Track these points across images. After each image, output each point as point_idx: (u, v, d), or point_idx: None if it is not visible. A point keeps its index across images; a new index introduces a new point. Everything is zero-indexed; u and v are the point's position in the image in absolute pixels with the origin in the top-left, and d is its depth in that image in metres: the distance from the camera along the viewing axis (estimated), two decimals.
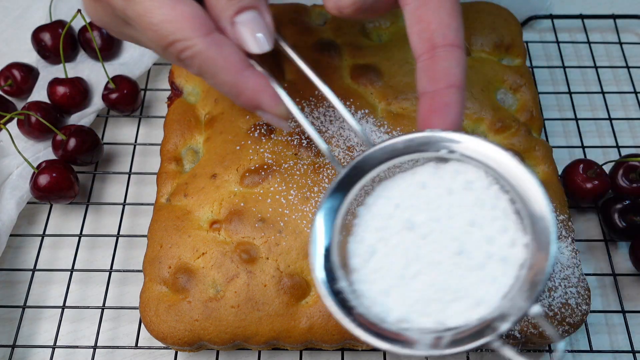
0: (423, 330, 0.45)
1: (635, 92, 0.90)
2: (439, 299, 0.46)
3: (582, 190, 0.75)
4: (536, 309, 0.43)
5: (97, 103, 0.85)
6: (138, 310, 0.70)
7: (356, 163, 0.52)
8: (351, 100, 0.75)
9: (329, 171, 0.69)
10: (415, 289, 0.47)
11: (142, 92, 0.88)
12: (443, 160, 0.51)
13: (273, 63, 0.72)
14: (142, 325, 0.68)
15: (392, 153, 0.52)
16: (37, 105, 0.80)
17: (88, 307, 0.72)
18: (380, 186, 0.53)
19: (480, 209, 0.48)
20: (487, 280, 0.46)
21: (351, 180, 0.52)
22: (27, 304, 0.72)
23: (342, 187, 0.51)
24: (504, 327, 0.43)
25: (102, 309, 0.71)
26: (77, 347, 0.69)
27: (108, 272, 0.73)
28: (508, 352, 0.43)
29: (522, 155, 0.73)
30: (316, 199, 0.67)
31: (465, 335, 0.44)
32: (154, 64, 0.90)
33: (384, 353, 0.69)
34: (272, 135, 0.72)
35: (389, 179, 0.53)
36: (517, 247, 0.46)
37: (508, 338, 0.64)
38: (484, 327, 0.44)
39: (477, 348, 0.45)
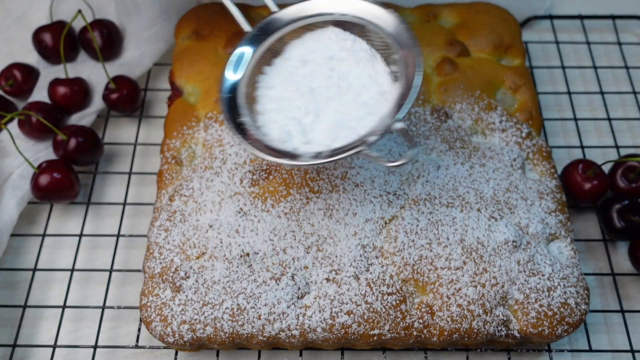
0: (312, 154, 0.58)
1: (634, 92, 0.90)
2: (327, 129, 0.59)
3: (581, 190, 0.76)
4: (398, 124, 0.55)
5: (97, 103, 0.86)
6: (138, 310, 0.70)
7: (263, 25, 0.65)
8: None
9: (328, 171, 0.69)
10: (310, 124, 0.60)
11: (142, 92, 0.88)
12: (340, 22, 0.65)
13: None
14: (142, 325, 0.69)
15: (296, 16, 0.65)
16: (38, 106, 0.80)
17: (88, 307, 0.72)
18: (288, 46, 0.66)
19: (363, 58, 0.62)
20: (367, 112, 0.59)
21: (259, 38, 0.65)
22: (28, 304, 0.72)
23: (251, 43, 0.65)
24: (372, 138, 0.56)
25: (103, 309, 0.71)
26: (77, 346, 0.69)
27: (108, 272, 0.73)
28: (373, 154, 0.55)
29: (522, 155, 0.73)
30: (315, 200, 0.67)
31: (342, 150, 0.57)
32: (154, 64, 0.91)
33: (384, 351, 0.69)
34: None
35: (297, 39, 0.66)
36: (392, 85, 0.60)
37: (507, 337, 0.64)
38: (358, 143, 0.56)
39: (350, 157, 0.57)
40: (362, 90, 0.62)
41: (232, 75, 0.64)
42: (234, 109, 0.62)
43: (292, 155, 0.59)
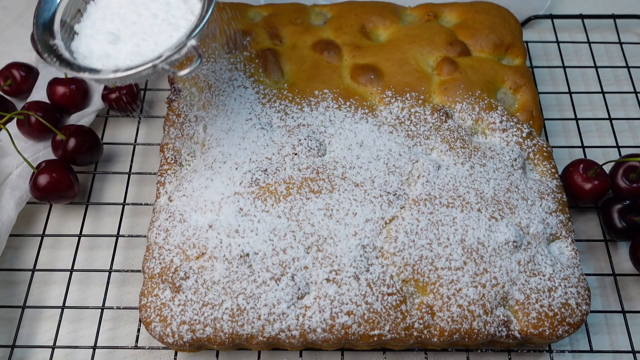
0: (111, 69, 0.63)
1: (635, 92, 0.90)
2: (134, 52, 0.64)
3: (582, 190, 0.75)
4: (191, 41, 0.62)
5: (96, 103, 0.85)
6: (138, 310, 0.70)
7: None
8: (351, 100, 0.75)
9: (328, 171, 0.69)
10: (120, 48, 0.64)
11: (142, 92, 0.88)
12: None
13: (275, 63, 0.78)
14: (142, 325, 0.68)
15: None
16: (37, 105, 0.80)
17: (87, 308, 0.72)
18: None
19: None
20: (168, 34, 0.64)
21: None
22: (27, 304, 0.72)
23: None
24: (167, 53, 0.62)
25: (102, 309, 0.71)
26: (76, 347, 0.69)
27: (108, 272, 0.73)
28: (166, 66, 0.62)
29: (523, 155, 0.73)
30: (314, 200, 0.67)
31: (140, 65, 0.62)
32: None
33: (384, 351, 0.69)
34: (272, 136, 0.72)
35: None
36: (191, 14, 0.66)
37: (508, 338, 0.64)
38: (155, 59, 0.62)
39: (146, 69, 0.62)
40: (163, 16, 0.66)
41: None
42: (49, 32, 0.67)
43: (92, 70, 0.63)
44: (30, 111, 0.78)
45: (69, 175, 0.76)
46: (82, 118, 0.84)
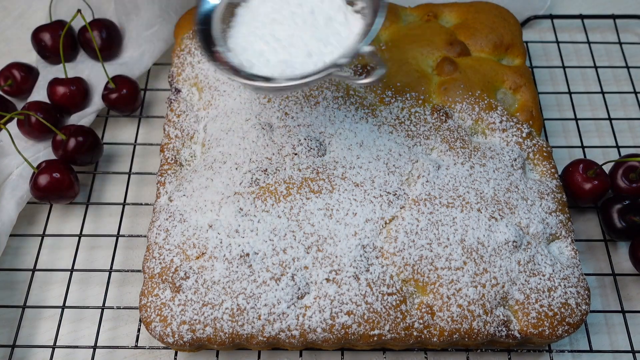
0: (285, 77, 0.62)
1: (635, 92, 0.90)
2: (296, 55, 0.63)
3: (582, 190, 0.75)
4: (367, 48, 0.60)
5: (97, 103, 0.85)
6: (138, 310, 0.70)
7: None
8: (351, 100, 0.75)
9: (328, 171, 0.69)
10: (280, 52, 0.63)
11: (142, 92, 0.88)
12: None
13: None
14: (142, 325, 0.69)
15: None
16: (37, 105, 0.80)
17: (88, 307, 0.72)
18: None
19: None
20: (330, 42, 0.63)
21: None
22: (27, 304, 0.72)
23: None
24: (342, 60, 0.61)
25: (102, 309, 0.71)
26: (77, 347, 0.69)
27: (108, 272, 0.73)
28: (344, 74, 0.62)
29: (523, 155, 0.73)
30: (314, 200, 0.67)
31: (314, 73, 0.61)
32: (154, 64, 0.90)
33: (384, 351, 0.69)
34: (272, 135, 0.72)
35: None
36: (355, 16, 0.65)
37: (508, 337, 0.64)
38: (330, 66, 0.61)
39: (322, 77, 0.61)
40: (326, 21, 0.65)
41: (206, 6, 0.69)
42: (209, 39, 0.66)
43: (266, 79, 0.62)
44: (30, 111, 0.78)
45: (69, 175, 0.76)
46: (83, 118, 0.84)
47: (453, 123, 0.74)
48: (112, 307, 0.71)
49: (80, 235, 0.76)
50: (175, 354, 0.69)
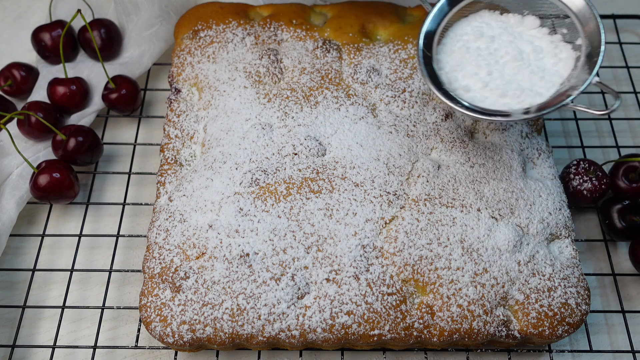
0: (521, 110, 0.65)
1: (635, 92, 0.90)
2: (529, 89, 0.66)
3: (582, 190, 0.75)
4: (596, 78, 0.63)
5: (97, 103, 0.85)
6: (138, 310, 0.70)
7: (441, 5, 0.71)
8: (351, 100, 0.75)
9: (328, 171, 0.69)
10: (501, 86, 0.66)
11: (142, 92, 0.88)
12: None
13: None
14: (142, 325, 0.69)
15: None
16: (37, 105, 0.80)
17: (88, 307, 0.72)
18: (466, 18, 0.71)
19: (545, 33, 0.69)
20: (557, 72, 0.66)
21: (440, 14, 0.71)
22: (27, 304, 0.72)
23: (433, 21, 0.70)
24: (575, 92, 0.63)
25: (102, 309, 0.71)
26: (77, 347, 0.69)
27: (108, 272, 0.73)
28: (579, 107, 0.63)
29: (523, 155, 0.73)
30: (314, 200, 0.67)
31: (547, 105, 0.64)
32: (154, 64, 0.90)
33: (384, 351, 0.69)
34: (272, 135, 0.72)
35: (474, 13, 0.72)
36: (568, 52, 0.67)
37: (508, 337, 0.64)
38: (560, 98, 0.64)
39: (556, 109, 0.63)
40: (539, 56, 0.68)
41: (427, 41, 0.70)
42: (432, 74, 0.68)
43: (503, 114, 0.65)
44: (30, 111, 0.78)
45: (69, 175, 0.76)
46: (83, 118, 0.84)
47: (453, 123, 0.74)
48: (112, 307, 0.71)
49: (80, 235, 0.76)
50: (175, 354, 0.69)
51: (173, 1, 0.88)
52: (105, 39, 0.87)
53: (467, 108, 0.66)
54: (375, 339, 0.63)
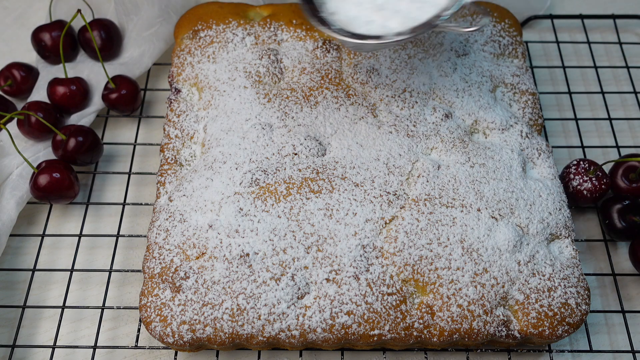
0: (394, 33, 0.64)
1: (635, 92, 0.90)
2: (396, 14, 0.65)
3: (582, 190, 0.75)
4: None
5: (97, 103, 0.85)
6: (138, 310, 0.70)
7: None
8: (351, 100, 0.75)
9: (328, 171, 0.69)
10: (376, 14, 0.66)
11: (142, 92, 0.88)
12: None
13: None
14: (142, 325, 0.69)
15: None
16: (37, 105, 0.80)
17: (88, 308, 0.72)
18: None
19: None
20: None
21: None
22: (27, 304, 0.72)
23: None
24: (447, 12, 0.63)
25: (102, 309, 0.71)
26: (77, 347, 0.69)
27: (108, 272, 0.73)
28: (449, 26, 0.63)
29: (523, 155, 0.73)
30: (314, 200, 0.67)
31: (421, 26, 0.64)
32: (154, 64, 0.90)
33: (384, 351, 0.69)
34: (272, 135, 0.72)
35: None
36: None
37: (508, 337, 0.64)
38: (433, 19, 0.64)
39: (427, 30, 0.63)
40: None
41: None
42: (312, 5, 0.68)
43: (375, 37, 0.64)
44: (30, 111, 0.78)
45: (69, 175, 0.76)
46: (82, 118, 0.84)
47: (453, 123, 0.74)
48: (112, 307, 0.71)
49: (80, 235, 0.76)
50: (175, 354, 0.69)
51: (173, 1, 0.88)
52: (105, 39, 0.87)
53: (337, 31, 0.65)
54: (375, 339, 0.63)
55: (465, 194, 0.69)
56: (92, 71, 0.88)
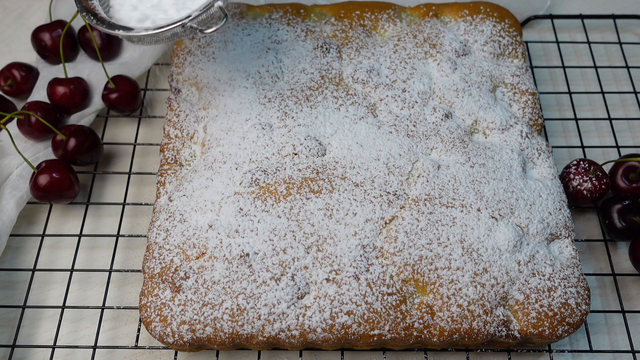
0: (143, 28, 0.67)
1: (635, 92, 0.90)
2: (159, 14, 0.69)
3: (581, 190, 0.75)
4: (218, 2, 0.66)
5: (97, 103, 0.85)
6: (138, 310, 0.70)
7: None
8: (351, 100, 0.75)
9: (328, 171, 0.69)
10: (146, 8, 0.70)
11: (142, 92, 0.88)
12: None
13: None
14: (142, 325, 0.69)
15: None
16: (37, 105, 0.80)
17: (88, 308, 0.72)
18: None
19: None
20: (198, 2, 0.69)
21: None
22: (27, 304, 0.72)
23: None
24: (195, 13, 0.66)
25: (102, 309, 0.71)
26: (77, 347, 0.69)
27: (108, 272, 0.73)
28: (194, 25, 0.66)
29: (523, 155, 0.73)
30: (314, 200, 0.67)
31: (170, 24, 0.66)
32: (154, 64, 0.90)
33: (384, 351, 0.69)
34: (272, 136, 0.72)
35: None
36: None
37: (508, 337, 0.64)
38: (184, 18, 0.66)
39: (172, 27, 0.66)
40: None
41: None
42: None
43: (126, 28, 0.68)
44: (30, 111, 0.78)
45: (69, 175, 0.76)
46: (82, 118, 0.84)
47: (453, 123, 0.74)
48: (112, 307, 0.71)
49: (80, 235, 0.76)
50: (175, 354, 0.69)
51: None
52: (105, 39, 0.87)
53: (96, 20, 0.68)
54: (375, 339, 0.63)
55: (465, 194, 0.69)
56: (92, 71, 0.88)
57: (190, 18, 0.66)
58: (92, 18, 0.69)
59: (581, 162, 0.77)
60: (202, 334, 0.63)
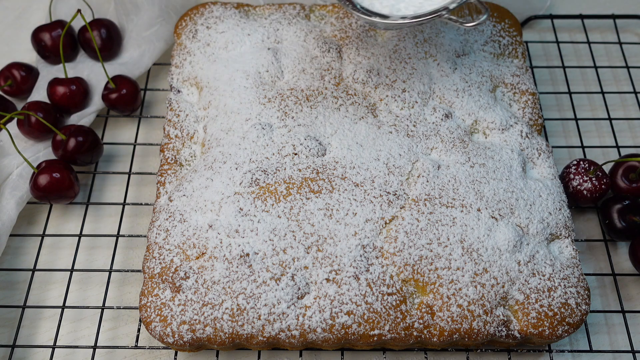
0: (399, 16, 0.69)
1: (635, 92, 0.90)
2: (421, 3, 0.70)
3: (581, 190, 0.75)
4: None
5: (97, 103, 0.85)
6: (138, 310, 0.70)
7: None
8: (351, 100, 0.75)
9: (328, 171, 0.69)
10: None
11: (142, 92, 0.88)
12: None
13: None
14: (142, 325, 0.69)
15: None
16: (37, 105, 0.80)
17: (88, 308, 0.72)
18: None
19: None
20: None
21: None
22: (27, 304, 0.72)
23: None
24: (452, 5, 0.67)
25: (102, 309, 0.71)
26: (77, 347, 0.69)
27: (108, 272, 0.73)
28: (453, 17, 0.68)
29: (523, 155, 0.73)
30: (314, 200, 0.67)
31: (427, 14, 0.68)
32: (154, 64, 0.90)
33: (384, 351, 0.69)
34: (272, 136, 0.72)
35: None
36: None
37: (508, 337, 0.64)
38: (441, 9, 0.68)
39: (430, 19, 0.68)
40: None
41: None
42: None
43: (382, 16, 0.69)
44: (30, 111, 0.78)
45: (69, 175, 0.76)
46: (83, 118, 0.84)
47: (453, 123, 0.74)
48: (112, 307, 0.71)
49: (80, 235, 0.76)
50: (175, 354, 0.69)
51: (173, 1, 0.88)
52: (105, 39, 0.87)
53: (352, 5, 0.70)
54: (375, 339, 0.63)
55: (465, 194, 0.69)
56: (92, 71, 0.88)
57: (448, 9, 0.67)
58: (347, 3, 0.70)
59: (581, 162, 0.77)
60: (202, 334, 0.63)
